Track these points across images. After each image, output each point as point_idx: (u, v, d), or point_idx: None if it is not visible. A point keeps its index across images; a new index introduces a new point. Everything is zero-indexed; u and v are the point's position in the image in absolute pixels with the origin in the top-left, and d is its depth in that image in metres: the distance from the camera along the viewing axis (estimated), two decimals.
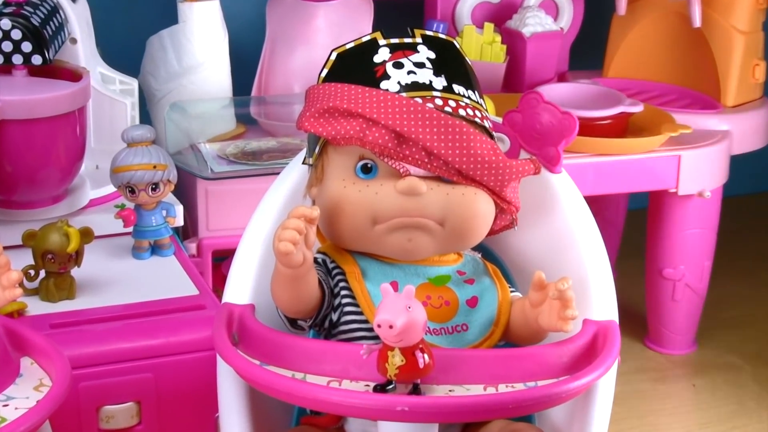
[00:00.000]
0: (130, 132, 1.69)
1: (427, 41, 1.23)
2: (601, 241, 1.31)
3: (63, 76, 1.78)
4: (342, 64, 1.23)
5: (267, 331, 1.18)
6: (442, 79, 1.20)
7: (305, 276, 1.14)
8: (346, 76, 1.21)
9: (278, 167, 1.59)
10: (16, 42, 1.70)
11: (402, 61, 1.20)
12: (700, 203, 2.16)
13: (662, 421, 2.08)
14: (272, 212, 1.31)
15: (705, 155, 2.12)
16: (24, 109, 1.67)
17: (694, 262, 2.22)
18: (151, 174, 1.67)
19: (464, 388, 1.12)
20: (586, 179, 2.02)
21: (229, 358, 1.16)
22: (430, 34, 1.24)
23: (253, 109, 2.18)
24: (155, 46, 2.11)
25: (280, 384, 1.11)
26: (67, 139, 1.73)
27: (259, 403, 1.25)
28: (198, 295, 1.60)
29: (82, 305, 1.56)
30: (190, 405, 1.50)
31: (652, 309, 2.30)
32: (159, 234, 1.72)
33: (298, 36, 2.18)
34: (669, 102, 2.29)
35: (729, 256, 2.47)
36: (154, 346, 1.48)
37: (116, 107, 1.96)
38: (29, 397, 1.14)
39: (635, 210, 2.55)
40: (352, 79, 1.20)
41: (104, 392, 1.46)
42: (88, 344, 1.46)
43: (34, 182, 1.73)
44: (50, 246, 1.53)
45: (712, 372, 2.24)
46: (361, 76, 1.20)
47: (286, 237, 1.09)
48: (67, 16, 1.87)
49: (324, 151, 1.22)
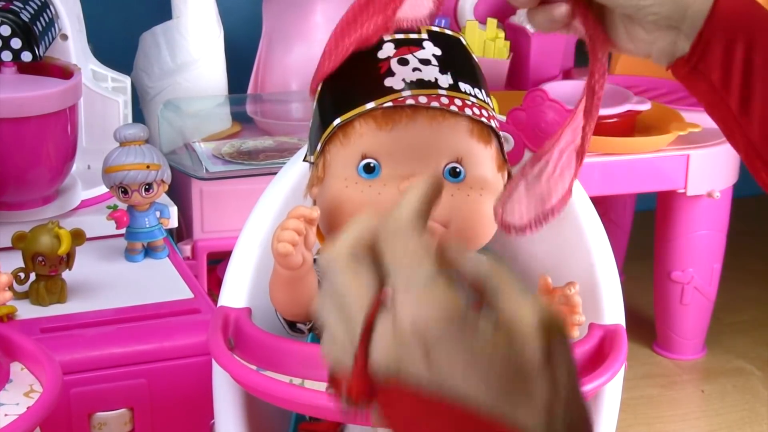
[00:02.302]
0: (123, 131, 1.69)
1: (433, 37, 1.21)
2: (607, 243, 1.30)
3: (53, 74, 1.80)
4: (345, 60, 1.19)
5: (264, 336, 1.17)
6: (448, 77, 1.18)
7: (304, 278, 1.13)
8: (349, 71, 1.18)
9: (275, 167, 1.61)
10: (5, 38, 1.71)
11: (407, 58, 1.18)
12: (709, 204, 2.16)
13: (670, 428, 2.08)
14: (269, 213, 1.31)
15: (714, 155, 2.12)
16: (13, 107, 1.67)
17: (704, 264, 2.22)
18: (144, 174, 1.67)
19: None
20: (593, 179, 2.01)
21: (224, 363, 1.15)
22: (437, 30, 1.22)
23: (249, 107, 2.20)
24: (148, 43, 2.12)
25: (277, 390, 1.10)
26: (57, 138, 1.74)
27: (255, 410, 1.24)
28: (193, 298, 1.61)
29: (73, 309, 1.57)
30: (184, 411, 1.51)
31: (660, 313, 2.30)
32: (152, 236, 1.73)
33: (295, 32, 2.19)
34: (678, 99, 2.28)
35: (739, 259, 2.48)
36: (148, 351, 1.49)
37: (108, 105, 1.97)
38: (19, 404, 1.14)
39: (643, 211, 2.57)
40: (355, 75, 1.18)
41: (96, 398, 1.46)
42: (80, 349, 1.46)
43: (23, 183, 1.74)
44: (40, 248, 1.53)
45: (721, 377, 2.24)
46: (365, 73, 1.18)
47: (284, 238, 1.08)
48: (58, 11, 1.89)
49: (326, 149, 1.20)
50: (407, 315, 0.62)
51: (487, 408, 0.61)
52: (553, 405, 0.62)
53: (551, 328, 0.62)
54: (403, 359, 0.62)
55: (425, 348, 0.61)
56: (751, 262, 2.67)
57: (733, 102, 0.91)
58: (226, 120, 2.15)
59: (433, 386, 0.61)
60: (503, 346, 0.61)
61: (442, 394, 0.61)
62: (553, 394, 0.62)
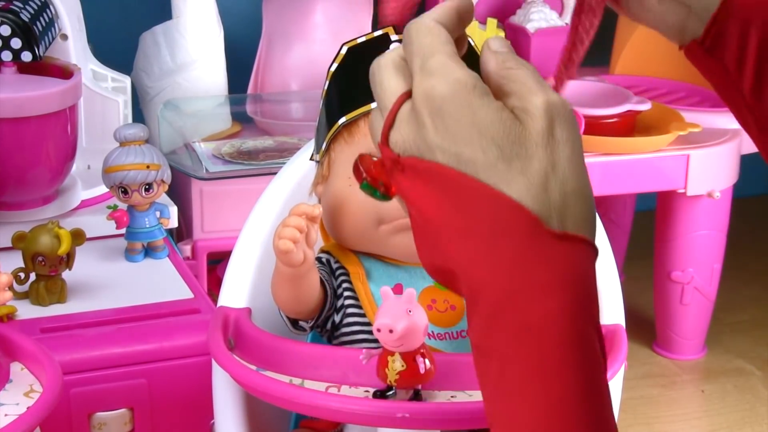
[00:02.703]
0: (123, 131, 1.68)
1: None
2: (607, 243, 1.30)
3: (53, 74, 1.79)
4: (352, 59, 1.21)
5: (264, 336, 1.17)
6: None
7: (306, 275, 1.13)
8: (356, 70, 1.19)
9: (275, 167, 1.61)
10: (5, 38, 1.71)
11: None
12: (709, 204, 2.15)
13: (670, 428, 2.07)
14: (269, 213, 1.31)
15: (715, 154, 2.12)
16: (13, 107, 1.67)
17: (704, 264, 2.22)
18: (144, 174, 1.66)
19: (467, 394, 1.10)
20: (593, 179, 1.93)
21: (224, 363, 1.14)
22: None
23: (249, 107, 2.20)
24: (148, 43, 2.11)
25: (277, 390, 1.10)
26: (57, 138, 1.73)
27: (255, 410, 1.24)
28: (192, 298, 1.60)
29: (73, 309, 1.56)
30: (184, 411, 1.50)
31: (660, 313, 2.29)
32: (152, 236, 1.72)
33: (295, 32, 2.19)
34: (678, 100, 2.29)
35: (739, 259, 2.48)
36: (148, 351, 1.48)
37: (108, 105, 1.97)
38: (19, 404, 1.13)
39: (643, 211, 2.57)
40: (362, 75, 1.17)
41: (96, 398, 1.45)
42: (80, 349, 1.45)
43: (23, 183, 1.73)
44: (40, 248, 1.52)
45: (721, 377, 2.23)
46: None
47: (286, 235, 1.08)
48: (58, 11, 1.88)
49: (331, 148, 1.21)
50: (420, 89, 0.68)
51: (484, 176, 0.66)
52: (549, 180, 0.66)
53: (558, 111, 0.67)
54: (415, 130, 0.68)
55: (433, 113, 0.67)
56: (751, 262, 2.67)
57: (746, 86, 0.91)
58: (226, 120, 2.14)
59: (439, 154, 0.67)
60: (507, 117, 0.67)
61: (447, 162, 0.67)
62: (549, 169, 0.66)
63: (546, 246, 0.65)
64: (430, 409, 1.05)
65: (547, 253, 0.65)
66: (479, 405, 1.07)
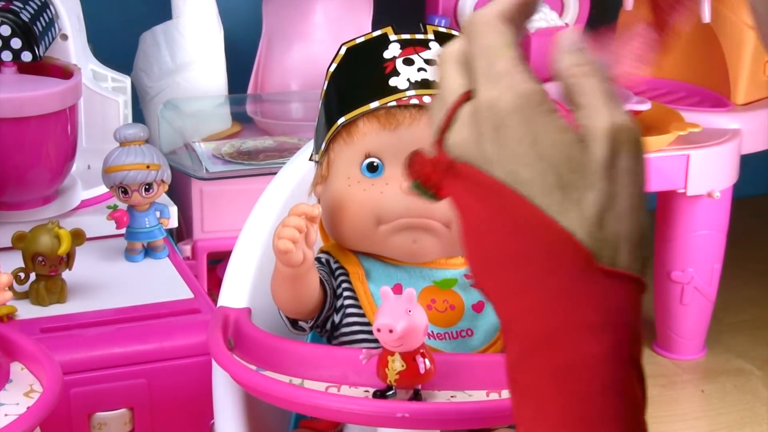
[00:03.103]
0: (123, 131, 1.68)
1: (440, 38, 1.21)
2: None
3: (53, 73, 1.78)
4: (351, 59, 1.21)
5: (263, 336, 1.17)
6: None
7: (305, 275, 1.13)
8: (354, 71, 1.20)
9: (275, 167, 1.60)
10: (5, 38, 1.70)
11: (412, 58, 1.18)
12: (709, 204, 2.15)
13: (670, 428, 2.07)
14: (269, 213, 1.31)
15: (714, 154, 2.11)
16: (13, 107, 1.67)
17: (704, 264, 2.22)
18: (144, 174, 1.66)
19: (466, 394, 1.10)
20: None
21: (224, 363, 1.14)
22: (444, 31, 1.23)
23: (249, 107, 2.20)
24: (148, 43, 2.11)
25: (277, 390, 1.10)
26: (57, 138, 1.73)
27: (255, 410, 1.24)
28: (192, 298, 1.60)
29: (73, 309, 1.56)
30: (184, 411, 1.50)
31: (660, 313, 2.29)
32: (152, 236, 1.72)
33: (295, 32, 2.19)
34: (677, 100, 2.29)
35: (739, 259, 2.47)
36: (148, 351, 1.48)
37: (108, 105, 1.97)
38: (19, 404, 1.13)
39: None
40: (360, 75, 1.19)
41: (96, 398, 1.45)
42: (80, 349, 1.45)
43: (23, 183, 1.73)
44: (40, 248, 1.52)
45: (721, 377, 2.23)
46: (370, 72, 1.18)
47: (285, 235, 1.08)
48: (58, 11, 1.88)
49: (330, 148, 1.21)
50: (484, 98, 0.65)
51: (539, 200, 0.62)
52: (605, 215, 0.62)
53: (623, 138, 0.64)
54: (473, 138, 0.65)
55: (495, 126, 0.64)
56: (751, 262, 2.66)
57: None
58: (226, 120, 2.14)
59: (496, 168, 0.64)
60: (569, 141, 0.63)
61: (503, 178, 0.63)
62: (607, 204, 0.62)
63: (596, 283, 0.62)
64: (430, 409, 1.05)
65: (596, 290, 0.62)
66: (479, 405, 1.08)
